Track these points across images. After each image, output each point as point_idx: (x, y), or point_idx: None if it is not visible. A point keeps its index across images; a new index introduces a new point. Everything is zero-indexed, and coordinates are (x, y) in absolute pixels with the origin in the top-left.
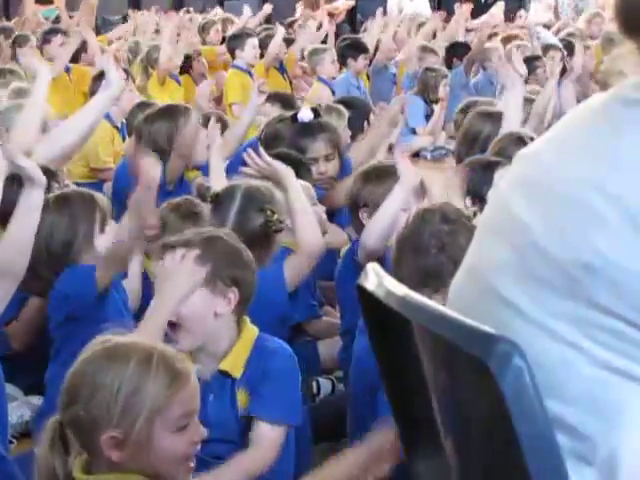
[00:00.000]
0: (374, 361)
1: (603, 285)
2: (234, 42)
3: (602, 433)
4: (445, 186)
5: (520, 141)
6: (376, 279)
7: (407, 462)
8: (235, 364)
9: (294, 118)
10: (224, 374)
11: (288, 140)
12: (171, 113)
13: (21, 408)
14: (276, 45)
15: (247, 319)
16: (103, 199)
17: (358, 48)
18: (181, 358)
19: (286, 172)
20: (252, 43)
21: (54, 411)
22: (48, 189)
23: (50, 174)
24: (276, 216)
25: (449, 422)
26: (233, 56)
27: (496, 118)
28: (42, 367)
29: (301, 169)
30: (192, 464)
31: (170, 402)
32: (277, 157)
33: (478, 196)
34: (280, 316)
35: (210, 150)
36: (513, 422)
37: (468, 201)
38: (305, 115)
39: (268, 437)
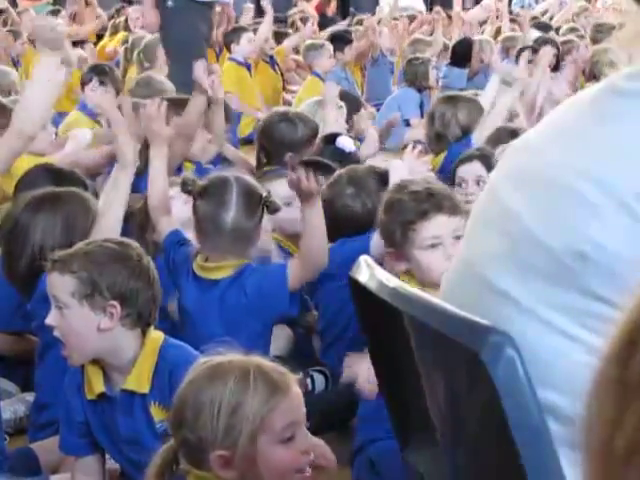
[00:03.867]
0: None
1: (597, 273)
2: (230, 36)
3: None
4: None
5: (513, 134)
6: (368, 271)
7: (401, 452)
8: (140, 380)
9: (330, 139)
10: (130, 392)
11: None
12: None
13: (15, 404)
14: (260, 37)
15: (149, 329)
16: (92, 198)
17: (342, 40)
18: (279, 370)
19: (317, 191)
20: (248, 37)
21: (45, 411)
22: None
23: (79, 182)
24: (272, 197)
25: (442, 413)
26: (229, 50)
27: (456, 101)
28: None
29: (326, 174)
30: (306, 475)
31: (271, 415)
32: (308, 163)
33: None
34: (277, 313)
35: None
36: (505, 412)
37: None
38: (347, 145)
39: None
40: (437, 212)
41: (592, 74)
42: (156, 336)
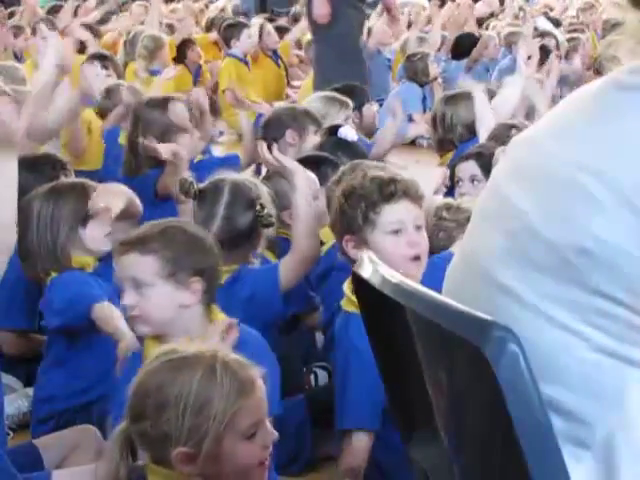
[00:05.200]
0: None
1: (600, 269)
2: (230, 31)
3: (599, 417)
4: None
5: (515, 129)
6: (371, 266)
7: (405, 448)
8: None
9: (333, 131)
10: None
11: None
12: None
13: (19, 400)
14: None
15: (216, 307)
16: (94, 186)
17: None
18: (244, 364)
19: (294, 170)
20: (247, 33)
21: (45, 404)
22: (57, 179)
23: (60, 164)
24: (266, 210)
25: (444, 407)
26: (228, 45)
27: (456, 100)
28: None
29: (326, 166)
30: (267, 466)
31: (238, 415)
32: (306, 159)
33: None
34: (272, 316)
35: None
36: (508, 407)
37: None
38: (349, 134)
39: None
40: (402, 197)
41: (599, 69)
42: (222, 315)
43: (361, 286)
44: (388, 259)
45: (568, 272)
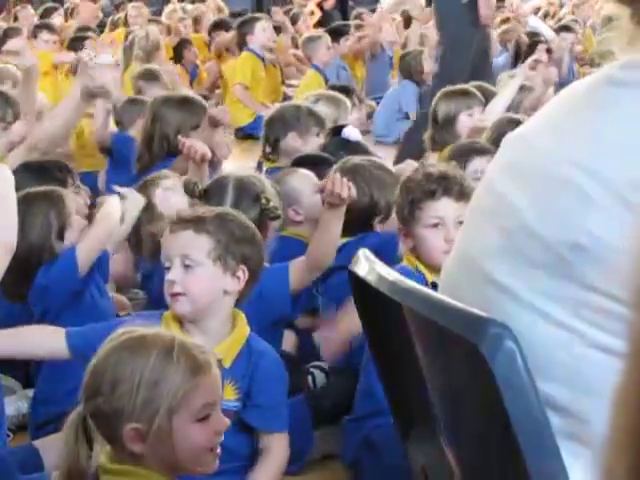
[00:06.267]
0: None
1: (594, 265)
2: (244, 27)
3: (596, 413)
4: None
5: (515, 124)
6: (367, 265)
7: (403, 445)
8: (227, 353)
9: (337, 131)
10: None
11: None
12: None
13: (18, 401)
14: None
15: (241, 313)
16: (68, 195)
17: (337, 32)
18: (202, 348)
19: (349, 198)
20: (261, 26)
21: (43, 407)
22: (63, 185)
23: (65, 169)
24: (272, 203)
25: (442, 405)
26: (244, 41)
27: (455, 95)
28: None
29: (323, 166)
30: (217, 454)
31: (191, 393)
32: (303, 160)
33: None
34: (281, 315)
35: None
36: (505, 404)
37: None
38: (352, 134)
39: (284, 444)
40: (444, 194)
41: (594, 64)
42: (245, 322)
43: (357, 284)
44: (429, 253)
45: (563, 269)
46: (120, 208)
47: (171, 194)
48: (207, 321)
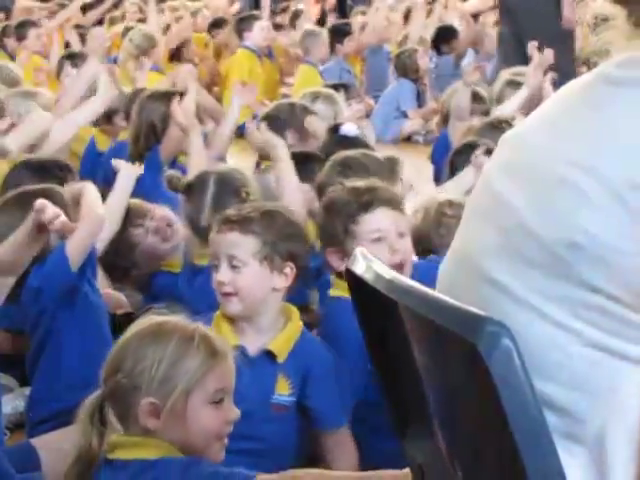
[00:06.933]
0: None
1: (591, 264)
2: (242, 24)
3: (592, 412)
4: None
5: (505, 124)
6: (364, 263)
7: (400, 443)
8: (282, 348)
9: (336, 129)
10: (269, 354)
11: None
12: (167, 96)
13: (16, 399)
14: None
15: (294, 307)
16: (61, 193)
17: (341, 32)
18: (221, 339)
19: (277, 143)
20: (260, 25)
21: (40, 406)
22: (62, 183)
23: (66, 168)
24: (252, 197)
25: (439, 404)
26: (241, 37)
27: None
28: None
29: (312, 162)
30: (224, 444)
31: (207, 376)
32: (294, 157)
33: None
34: None
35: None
36: (502, 403)
37: None
38: (350, 130)
39: (349, 435)
40: (379, 205)
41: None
42: (294, 309)
43: (354, 282)
44: None
45: (560, 268)
46: (96, 192)
47: None
48: (259, 318)
